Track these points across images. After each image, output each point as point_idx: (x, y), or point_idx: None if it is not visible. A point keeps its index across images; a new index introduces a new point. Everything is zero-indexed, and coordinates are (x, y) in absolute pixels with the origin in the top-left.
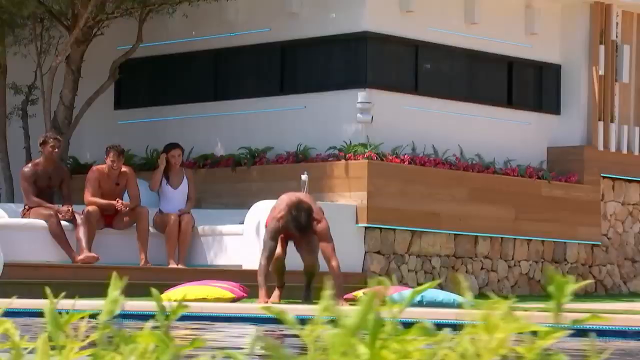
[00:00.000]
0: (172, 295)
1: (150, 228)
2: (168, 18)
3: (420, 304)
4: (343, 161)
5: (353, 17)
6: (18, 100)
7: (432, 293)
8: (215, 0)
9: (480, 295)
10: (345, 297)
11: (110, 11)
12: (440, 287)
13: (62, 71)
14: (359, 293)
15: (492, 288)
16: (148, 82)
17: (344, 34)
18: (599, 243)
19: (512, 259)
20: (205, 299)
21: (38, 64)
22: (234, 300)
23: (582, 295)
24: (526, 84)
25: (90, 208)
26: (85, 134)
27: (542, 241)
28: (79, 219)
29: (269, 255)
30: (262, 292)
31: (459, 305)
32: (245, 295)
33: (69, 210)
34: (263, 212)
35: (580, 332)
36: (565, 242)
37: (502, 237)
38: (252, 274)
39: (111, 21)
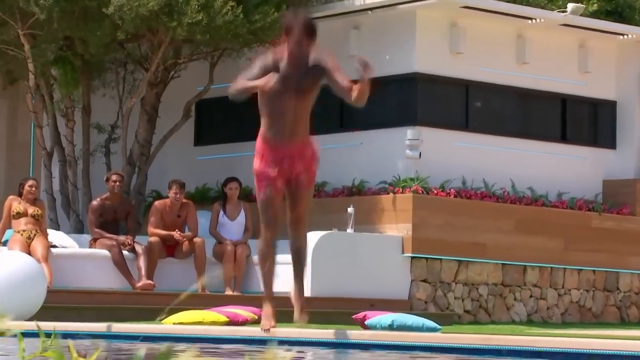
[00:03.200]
0: (172, 319)
1: (209, 257)
2: (236, 61)
3: (390, 327)
4: (391, 194)
5: (404, 60)
6: (102, 139)
7: (403, 317)
8: (274, 46)
9: (528, 322)
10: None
11: (184, 56)
12: (488, 314)
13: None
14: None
15: (541, 315)
16: (222, 120)
17: (396, 75)
18: None
19: (562, 287)
20: (202, 322)
21: (120, 104)
22: (228, 324)
23: (635, 323)
24: (581, 120)
25: (152, 239)
26: (168, 169)
27: (593, 271)
28: (140, 249)
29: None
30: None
31: (427, 329)
32: (247, 320)
33: (128, 241)
34: (310, 241)
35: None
36: (617, 272)
37: (551, 267)
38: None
39: (187, 64)
